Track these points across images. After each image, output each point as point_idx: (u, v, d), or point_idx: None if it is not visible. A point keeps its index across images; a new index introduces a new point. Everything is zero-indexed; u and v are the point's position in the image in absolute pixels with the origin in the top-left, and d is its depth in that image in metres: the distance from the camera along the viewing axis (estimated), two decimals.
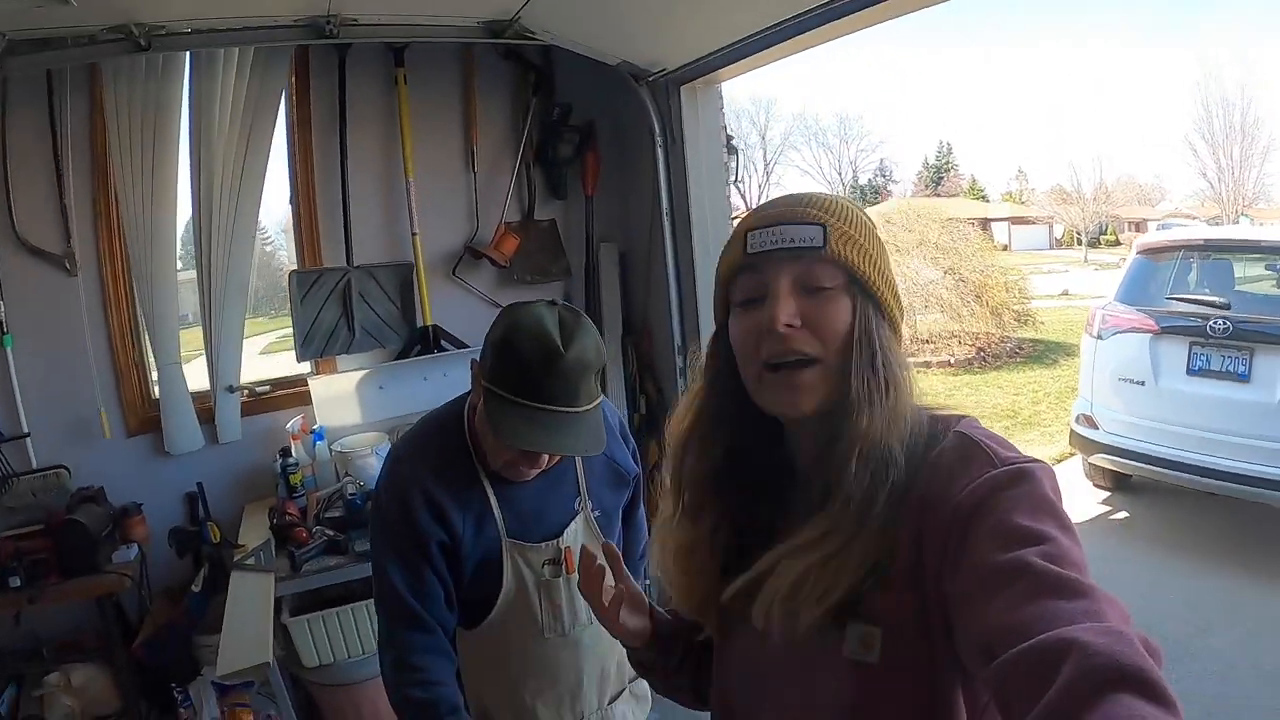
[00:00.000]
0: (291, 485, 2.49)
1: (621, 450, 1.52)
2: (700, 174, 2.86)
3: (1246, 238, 4.79)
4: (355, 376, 2.67)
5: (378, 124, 2.73)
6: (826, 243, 0.73)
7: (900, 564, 0.70)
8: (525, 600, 1.38)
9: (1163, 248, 4.47)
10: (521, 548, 1.36)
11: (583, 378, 1.21)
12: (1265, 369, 3.61)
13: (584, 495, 1.43)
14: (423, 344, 2.81)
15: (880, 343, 0.74)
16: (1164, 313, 4.03)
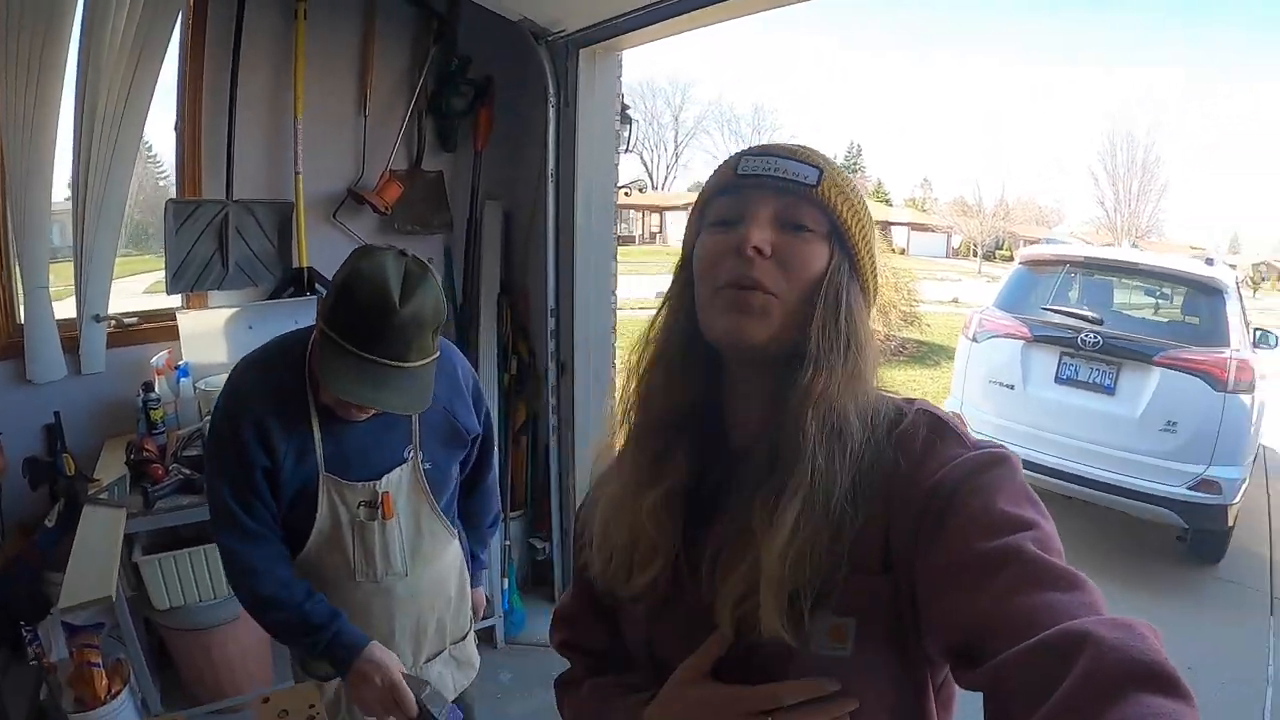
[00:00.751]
0: (152, 421, 2.71)
1: (465, 408, 1.69)
2: (591, 140, 3.22)
3: (1125, 259, 5.61)
4: (225, 314, 2.90)
5: (272, 57, 2.94)
6: (820, 183, 0.78)
7: (868, 547, 0.74)
8: (339, 538, 1.56)
9: (1045, 260, 5.25)
10: (338, 484, 1.53)
11: (417, 333, 1.35)
12: (1130, 384, 4.39)
13: (415, 445, 1.60)
14: (296, 285, 3.07)
15: (848, 300, 0.79)
16: (1039, 322, 4.76)
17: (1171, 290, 5.41)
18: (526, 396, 3.68)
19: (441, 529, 1.70)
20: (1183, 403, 4.22)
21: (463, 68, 3.31)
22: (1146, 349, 4.40)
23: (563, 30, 3.02)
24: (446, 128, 3.40)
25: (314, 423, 1.50)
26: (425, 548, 1.67)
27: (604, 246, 3.46)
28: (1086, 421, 4.44)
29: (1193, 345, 4.35)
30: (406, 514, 1.62)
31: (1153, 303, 5.77)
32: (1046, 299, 4.98)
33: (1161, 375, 4.30)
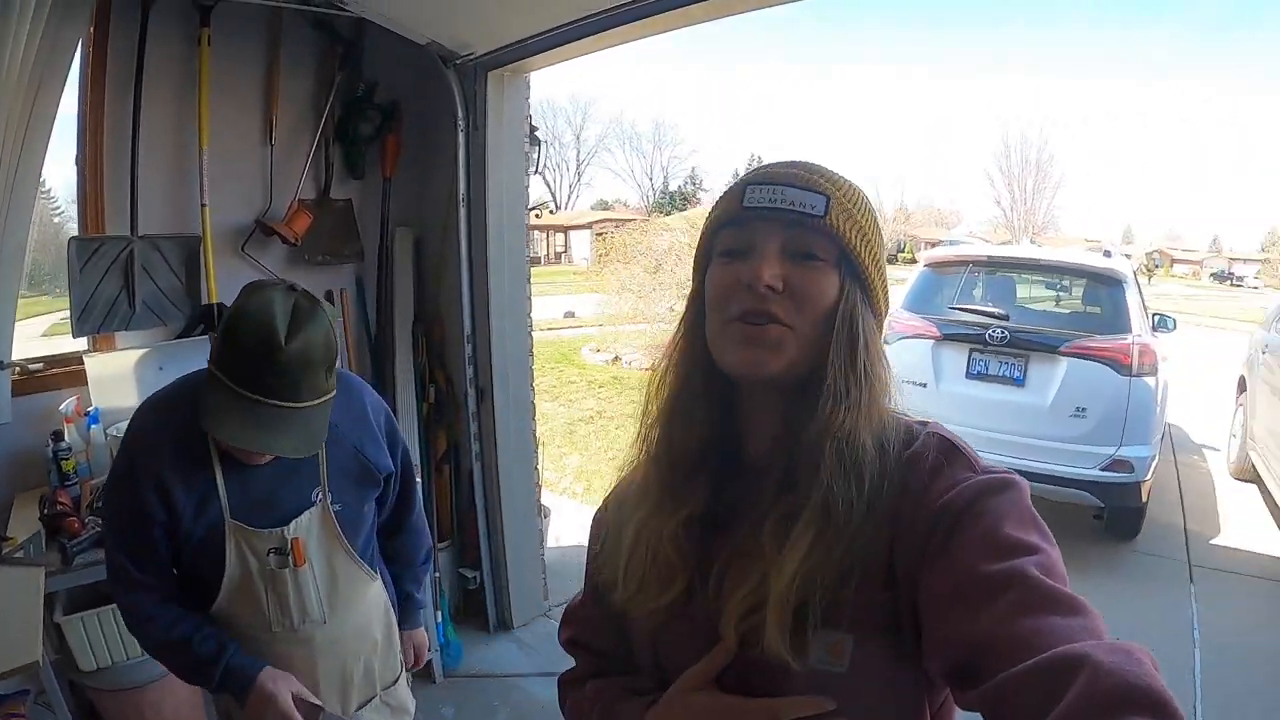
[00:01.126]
0: (64, 472, 2.69)
1: (376, 446, 1.70)
2: (500, 162, 3.43)
3: (1027, 256, 6.16)
4: (134, 355, 2.90)
5: (176, 86, 3.00)
6: (828, 212, 0.82)
7: (872, 565, 0.78)
8: (250, 588, 1.57)
9: (949, 261, 5.69)
10: (245, 531, 1.53)
11: (306, 372, 1.38)
12: (1039, 375, 4.82)
13: (323, 487, 1.60)
14: (206, 323, 3.09)
15: (863, 330, 0.83)
16: (947, 321, 5.18)
17: (1071, 282, 5.95)
18: (446, 425, 3.80)
19: (359, 572, 1.71)
20: (1090, 389, 4.66)
21: (369, 93, 3.46)
22: (1052, 340, 4.84)
23: (471, 53, 3.21)
24: (354, 154, 3.53)
25: (216, 468, 1.51)
26: (343, 593, 1.68)
27: (518, 269, 3.66)
28: (999, 413, 4.84)
29: (1096, 334, 4.80)
30: (319, 559, 1.63)
31: (1054, 295, 6.32)
32: (952, 298, 5.39)
33: (1069, 364, 4.73)
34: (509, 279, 3.60)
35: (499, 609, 3.86)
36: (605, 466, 6.83)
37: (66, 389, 2.94)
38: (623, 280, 12.22)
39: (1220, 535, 5.37)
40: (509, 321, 3.62)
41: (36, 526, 2.56)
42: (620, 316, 12.33)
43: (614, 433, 8.01)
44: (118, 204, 2.96)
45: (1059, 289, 6.27)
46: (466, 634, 3.72)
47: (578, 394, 9.71)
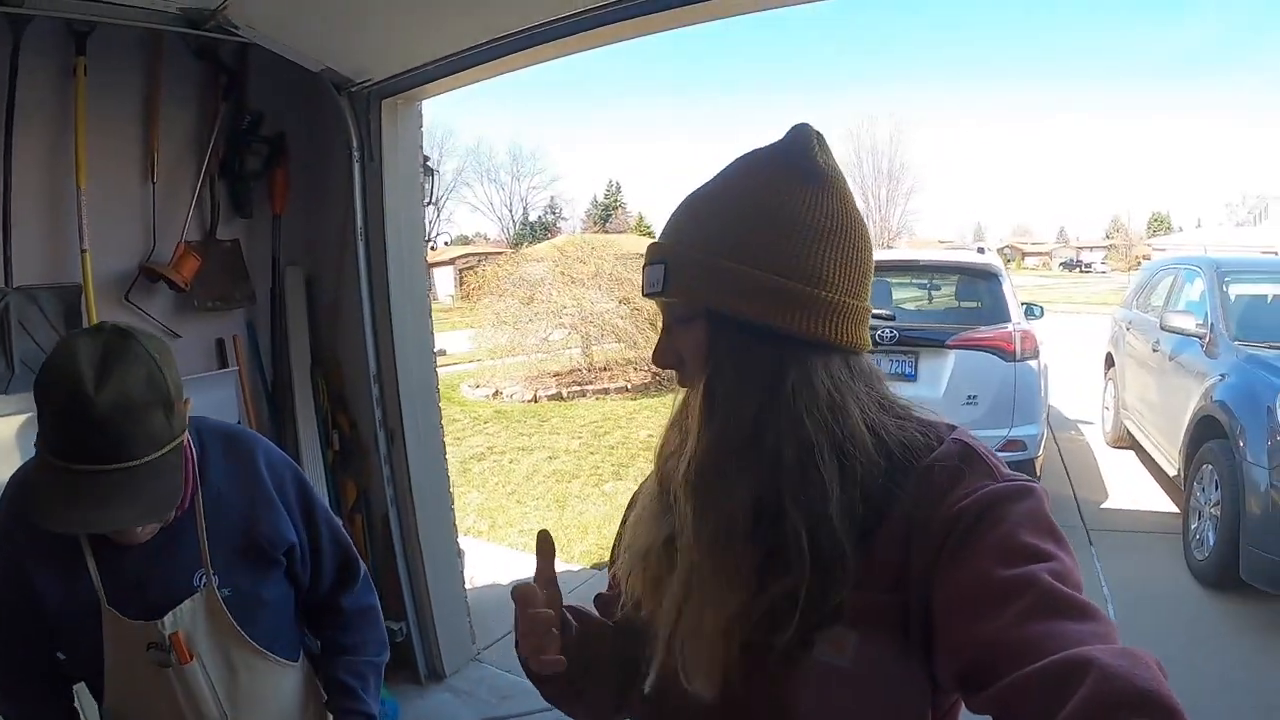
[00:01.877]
0: None
1: (274, 515, 1.44)
2: (398, 194, 3.29)
3: (907, 258, 6.51)
4: (14, 422, 2.58)
5: (50, 121, 2.74)
6: (666, 283, 0.85)
7: (885, 565, 0.78)
8: (135, 686, 1.35)
9: None
10: (119, 622, 1.31)
11: (130, 421, 1.15)
12: (929, 368, 5.07)
13: (207, 569, 1.35)
14: None
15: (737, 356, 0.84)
16: None
17: (942, 280, 6.24)
18: (354, 472, 3.59)
19: (266, 664, 1.46)
20: (979, 377, 4.92)
21: (255, 125, 3.25)
22: (939, 335, 5.10)
23: (367, 80, 3.07)
24: (241, 191, 3.30)
25: (85, 549, 1.30)
26: (246, 690, 1.43)
27: (419, 302, 3.54)
28: None
29: (980, 325, 5.08)
30: (211, 654, 1.38)
31: (926, 294, 6.62)
32: None
33: (956, 356, 4.98)
34: (411, 313, 3.45)
35: (428, 658, 3.65)
36: (506, 501, 6.73)
37: None
38: (497, 313, 12.12)
39: (1108, 499, 5.75)
40: (414, 357, 3.47)
41: None
42: (497, 350, 12.20)
43: (508, 467, 7.88)
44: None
45: (930, 288, 6.56)
46: (398, 689, 3.48)
47: (464, 431, 9.50)
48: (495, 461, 8.12)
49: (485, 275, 13.65)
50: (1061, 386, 8.08)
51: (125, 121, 2.99)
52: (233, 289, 3.32)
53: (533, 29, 2.61)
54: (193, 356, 3.18)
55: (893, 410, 0.86)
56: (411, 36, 2.83)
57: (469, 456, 8.28)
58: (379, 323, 3.37)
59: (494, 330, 12.20)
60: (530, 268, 12.66)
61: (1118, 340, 6.85)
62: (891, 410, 0.86)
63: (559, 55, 2.82)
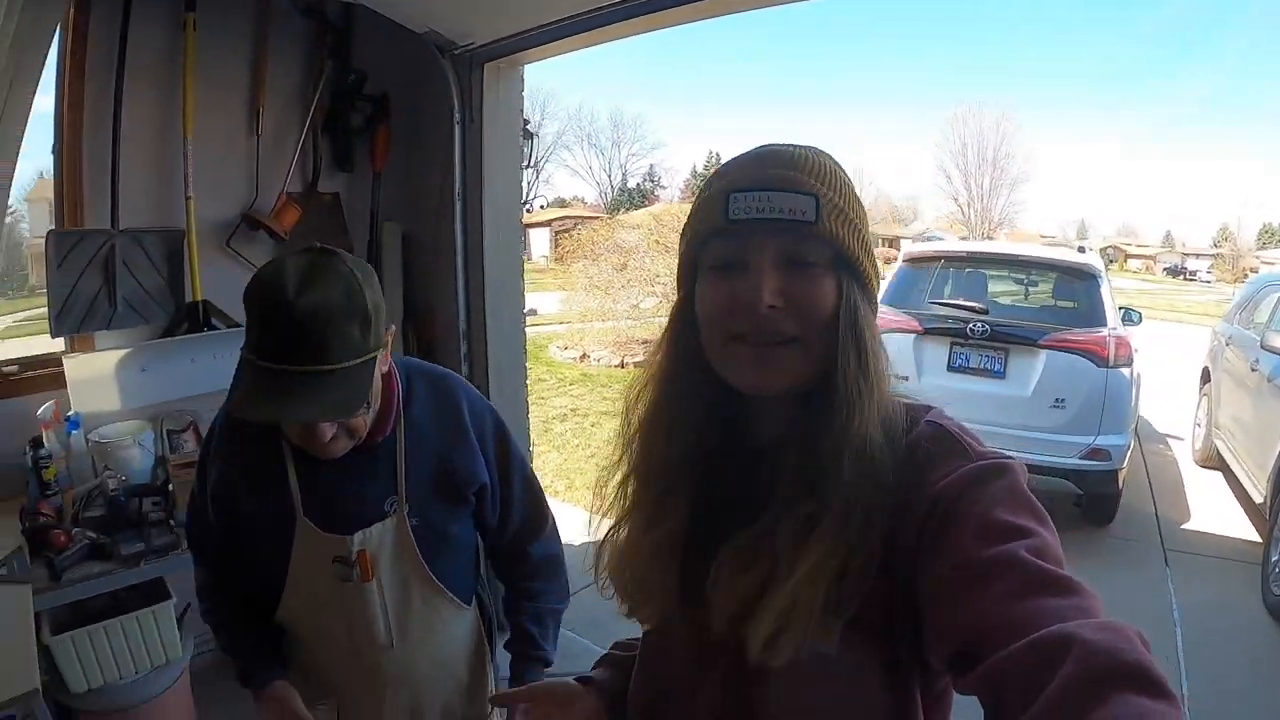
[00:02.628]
0: (44, 481, 2.49)
1: (469, 454, 1.46)
2: (496, 157, 3.22)
3: (1005, 251, 6.16)
4: (115, 356, 2.72)
5: (159, 75, 2.79)
6: (819, 217, 0.77)
7: (870, 553, 0.76)
8: (314, 595, 1.40)
9: (926, 257, 5.64)
10: (311, 532, 1.37)
11: (327, 327, 1.18)
12: (1019, 367, 4.80)
13: (400, 497, 1.40)
14: (191, 321, 2.91)
15: (866, 329, 0.80)
16: (927, 315, 5.12)
17: (1040, 277, 5.94)
18: None
19: (441, 600, 1.48)
20: (1069, 380, 4.65)
21: (359, 84, 3.25)
22: (1031, 334, 4.81)
23: (471, 43, 3.01)
24: (343, 147, 3.33)
25: (289, 462, 1.37)
26: (418, 618, 1.46)
27: (513, 264, 3.47)
28: (981, 405, 4.77)
29: (1074, 327, 4.80)
30: (392, 578, 1.42)
31: (1021, 289, 6.31)
32: (928, 293, 5.36)
33: (1047, 357, 4.71)
34: (504, 274, 3.41)
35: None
36: (585, 464, 6.66)
37: (44, 393, 2.70)
38: (590, 277, 11.96)
39: (1190, 520, 5.42)
40: (505, 317, 3.43)
41: (18, 540, 2.33)
42: (587, 314, 12.04)
43: (589, 430, 7.81)
44: (98, 196, 2.73)
45: (1027, 283, 6.25)
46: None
47: (549, 392, 9.44)
48: (578, 423, 8.05)
49: (580, 239, 13.45)
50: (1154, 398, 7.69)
51: (232, 76, 3.02)
52: (331, 240, 3.23)
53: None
54: None
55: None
56: (516, 2, 2.77)
57: (552, 417, 8.23)
58: (471, 281, 3.34)
59: (585, 294, 12.04)
60: (625, 234, 12.47)
61: (1216, 355, 6.43)
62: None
63: (662, 26, 2.73)
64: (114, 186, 2.72)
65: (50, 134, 2.70)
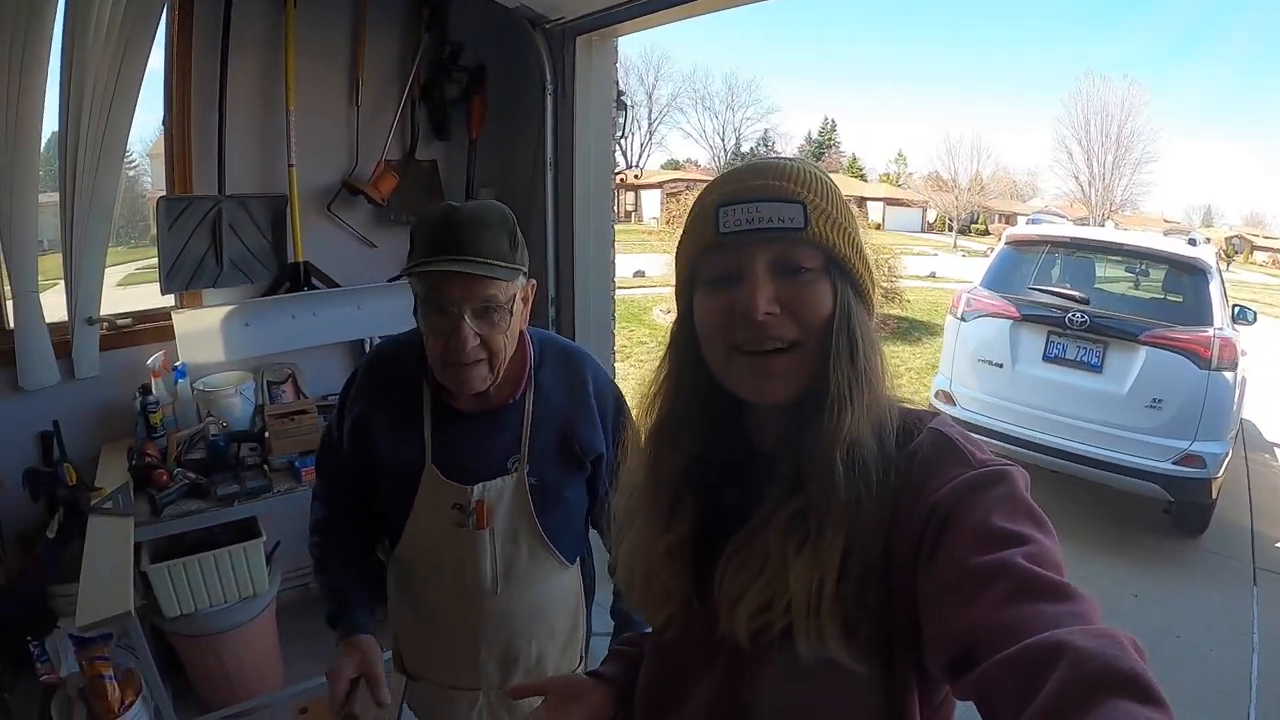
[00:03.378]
0: (151, 425, 2.67)
1: (590, 424, 1.54)
2: (588, 128, 3.20)
3: (1110, 239, 5.75)
4: (220, 312, 2.87)
5: (262, 48, 2.89)
6: (808, 223, 0.78)
7: (868, 558, 0.76)
8: (431, 537, 1.50)
9: (1030, 240, 5.36)
10: (437, 480, 1.46)
11: (485, 230, 1.32)
12: (1117, 362, 4.53)
13: (522, 456, 1.48)
14: (292, 281, 3.05)
15: (860, 330, 0.80)
16: (1026, 301, 4.88)
17: (1151, 268, 5.56)
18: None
19: (546, 554, 1.55)
20: (1168, 380, 4.36)
21: (455, 55, 3.29)
22: (1132, 328, 4.53)
23: (561, 17, 2.99)
24: (440, 116, 3.37)
25: (426, 413, 1.47)
26: (522, 568, 1.54)
27: (602, 234, 3.45)
28: (1074, 399, 4.56)
29: (1177, 324, 4.48)
30: (504, 529, 1.50)
31: (1133, 279, 5.94)
32: (1031, 278, 5.11)
33: (1147, 353, 4.42)
34: (594, 243, 3.41)
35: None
36: None
37: (153, 344, 2.88)
38: None
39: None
40: (593, 285, 3.44)
41: (125, 477, 2.52)
42: None
43: None
44: (206, 163, 2.86)
45: (1139, 273, 5.86)
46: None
47: (650, 355, 9.37)
48: None
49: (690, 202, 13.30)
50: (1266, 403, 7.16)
51: (333, 48, 3.09)
52: (428, 205, 3.38)
53: None
54: (388, 266, 3.32)
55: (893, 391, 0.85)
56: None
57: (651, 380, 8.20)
58: (561, 249, 3.37)
59: None
60: None
61: None
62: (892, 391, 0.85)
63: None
64: (220, 154, 2.84)
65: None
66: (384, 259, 3.33)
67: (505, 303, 1.36)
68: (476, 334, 1.33)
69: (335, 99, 3.13)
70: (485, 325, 1.35)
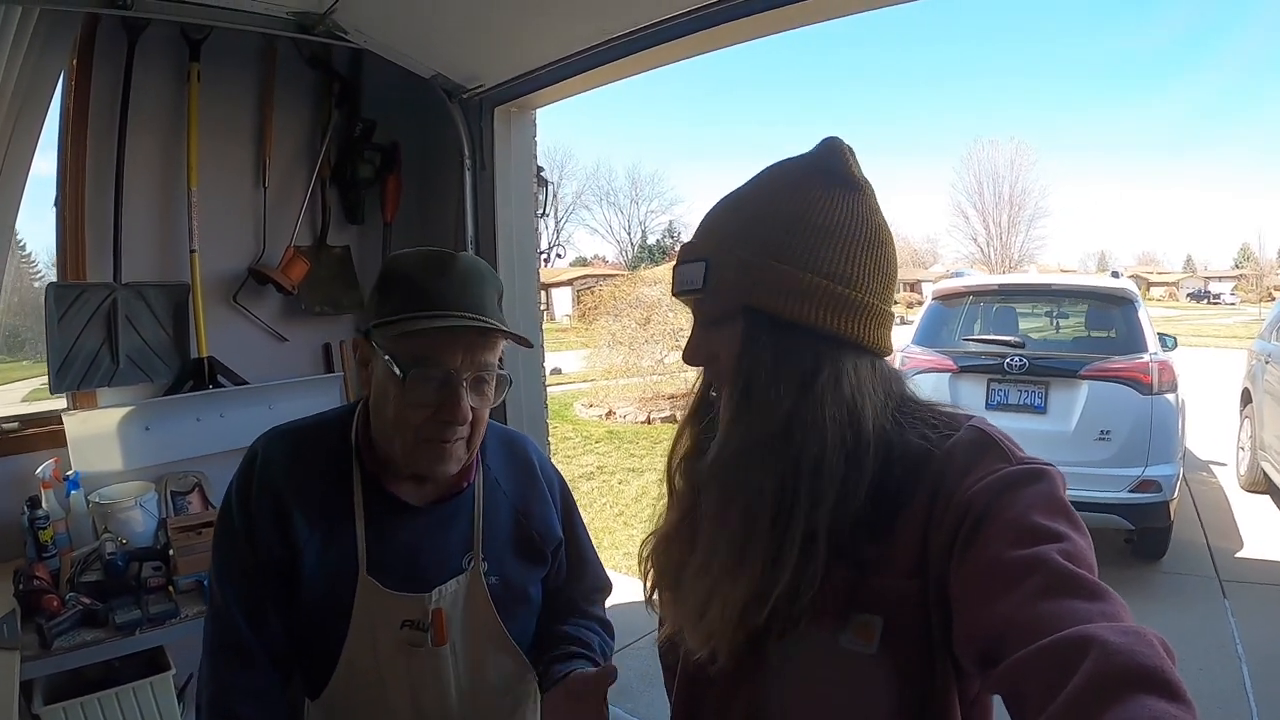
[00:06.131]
0: (41, 543, 2.36)
1: (545, 509, 1.37)
2: (509, 204, 3.06)
3: (1037, 282, 5.97)
4: (117, 414, 2.59)
5: (163, 125, 2.71)
6: (707, 281, 0.84)
7: (904, 550, 0.78)
8: (375, 665, 1.21)
9: (957, 293, 5.46)
10: (379, 593, 1.19)
11: (481, 284, 1.17)
12: (1060, 400, 4.58)
13: (477, 550, 1.26)
14: (196, 379, 2.78)
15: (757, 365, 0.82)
16: (961, 353, 4.94)
17: (1070, 309, 5.72)
18: None
19: (513, 662, 1.31)
20: (1113, 410, 4.41)
21: (368, 133, 3.13)
22: (1072, 364, 4.60)
23: (479, 86, 2.89)
24: (352, 198, 3.19)
25: (357, 508, 1.19)
26: (490, 688, 1.29)
27: (530, 317, 3.27)
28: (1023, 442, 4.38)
29: (1114, 355, 4.57)
30: (465, 641, 1.25)
31: (1051, 324, 6.08)
32: (959, 330, 5.19)
33: (1089, 387, 4.49)
34: (522, 327, 3.19)
35: None
36: (613, 523, 6.51)
37: (44, 450, 2.57)
38: (613, 333, 11.82)
39: (1243, 548, 5.18)
40: (524, 374, 3.20)
41: (11, 604, 2.20)
42: (612, 370, 11.89)
43: (616, 488, 7.63)
44: (100, 249, 2.62)
45: (1056, 316, 6.04)
46: None
47: (574, 450, 9.28)
48: (604, 481, 7.89)
49: (602, 296, 13.34)
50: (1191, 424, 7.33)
51: (238, 127, 2.93)
52: (342, 295, 3.19)
53: (646, 29, 2.38)
54: (299, 360, 3.09)
55: (913, 410, 0.86)
56: (523, 41, 2.65)
57: (578, 475, 8.06)
58: None
59: (609, 350, 11.90)
60: (647, 289, 12.23)
61: (1256, 376, 6.13)
62: (912, 410, 0.86)
63: (674, 59, 2.58)
64: (116, 239, 2.61)
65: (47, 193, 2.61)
66: (297, 352, 3.09)
67: (495, 371, 1.21)
68: (470, 405, 1.16)
69: (240, 180, 2.93)
70: (478, 396, 1.18)
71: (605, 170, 72.98)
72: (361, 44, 2.69)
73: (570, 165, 51.84)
